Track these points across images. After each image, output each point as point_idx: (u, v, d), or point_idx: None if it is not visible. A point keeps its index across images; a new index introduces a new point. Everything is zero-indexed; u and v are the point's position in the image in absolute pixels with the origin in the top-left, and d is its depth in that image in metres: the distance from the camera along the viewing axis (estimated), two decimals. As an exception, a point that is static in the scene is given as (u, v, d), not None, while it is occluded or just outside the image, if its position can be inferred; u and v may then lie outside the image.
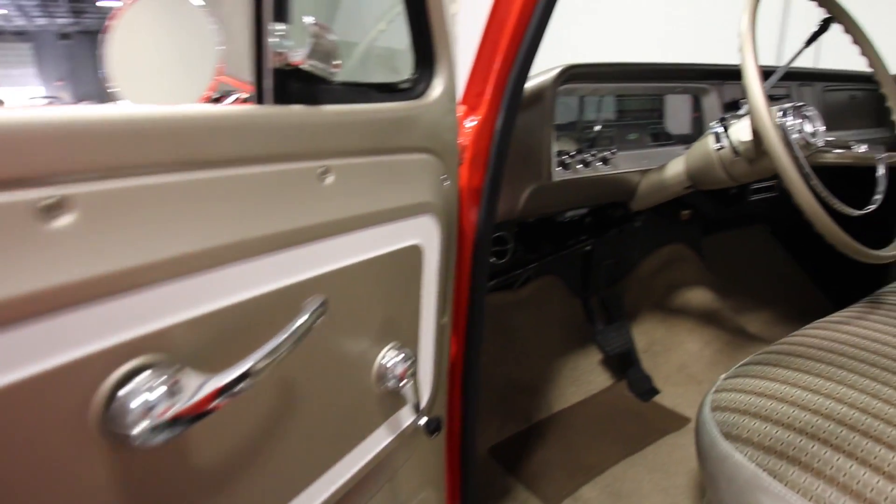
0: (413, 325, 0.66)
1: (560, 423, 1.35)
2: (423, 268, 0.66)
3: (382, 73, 1.01)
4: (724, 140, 0.95)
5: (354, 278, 0.55)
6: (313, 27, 0.45)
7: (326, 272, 0.51)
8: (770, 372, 0.78)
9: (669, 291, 1.67)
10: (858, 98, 1.60)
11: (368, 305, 0.59)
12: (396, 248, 0.60)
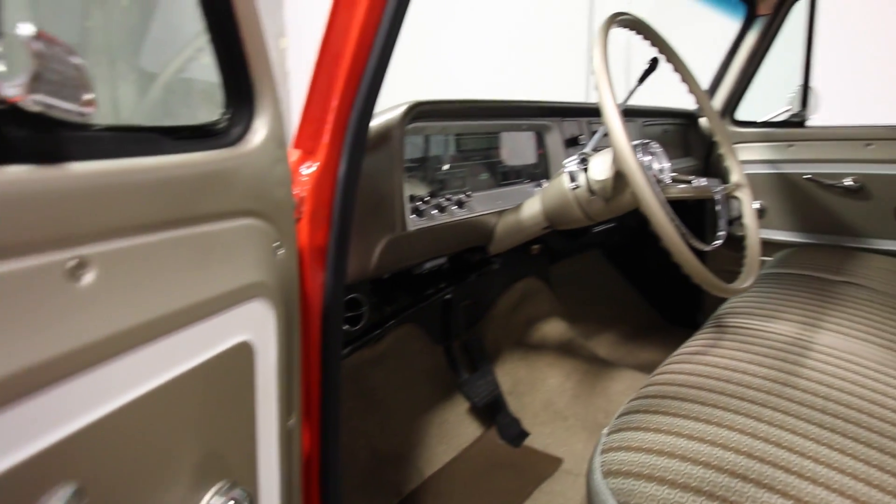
0: (246, 448, 0.49)
1: (433, 491, 1.23)
2: (257, 368, 0.50)
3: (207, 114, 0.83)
4: (579, 179, 0.93)
5: (150, 410, 0.37)
6: (34, 43, 0.28)
7: (95, 420, 0.33)
8: (651, 422, 0.74)
9: (528, 326, 1.66)
10: (670, 132, 1.76)
11: (178, 441, 0.41)
12: (215, 353, 0.44)
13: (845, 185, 1.63)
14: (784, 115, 1.84)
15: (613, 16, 0.84)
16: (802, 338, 0.95)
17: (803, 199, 1.73)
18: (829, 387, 0.79)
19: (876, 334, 0.99)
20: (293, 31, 3.34)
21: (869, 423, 0.72)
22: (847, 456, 0.65)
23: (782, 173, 1.75)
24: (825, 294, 1.17)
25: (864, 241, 1.66)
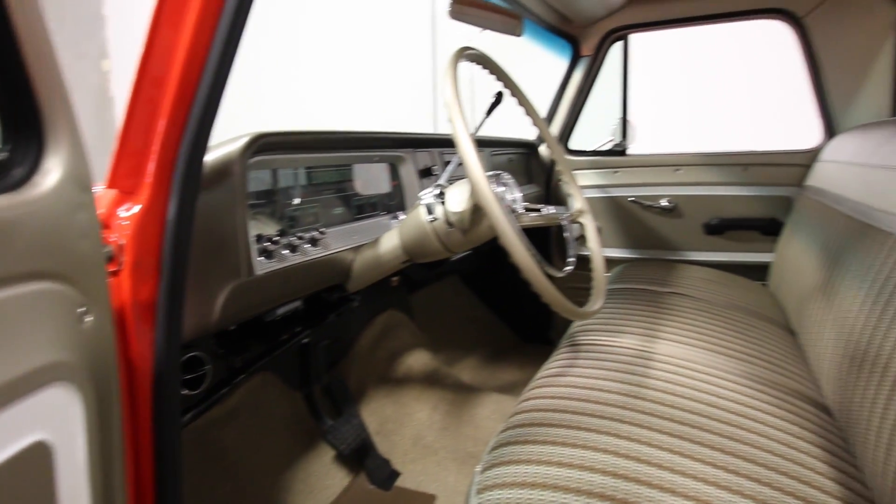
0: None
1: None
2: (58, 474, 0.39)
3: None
4: (436, 211, 0.92)
5: None
6: None
7: None
8: (522, 454, 0.73)
9: (391, 361, 1.61)
10: (514, 160, 1.86)
11: None
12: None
13: (662, 205, 1.85)
14: (609, 144, 2.05)
15: (461, 50, 0.85)
16: (645, 350, 1.03)
17: (631, 218, 1.92)
18: (671, 394, 0.85)
19: (702, 339, 1.10)
20: (117, 52, 2.99)
21: (706, 425, 0.78)
22: (693, 460, 0.70)
23: (611, 196, 1.94)
24: (658, 305, 1.29)
25: (682, 253, 1.89)
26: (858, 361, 0.80)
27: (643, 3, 1.77)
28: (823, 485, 0.70)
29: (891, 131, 1.09)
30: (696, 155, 1.82)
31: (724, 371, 0.97)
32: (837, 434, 0.85)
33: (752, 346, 1.11)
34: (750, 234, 1.78)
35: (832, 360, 0.93)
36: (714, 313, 1.26)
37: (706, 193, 1.81)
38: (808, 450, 0.77)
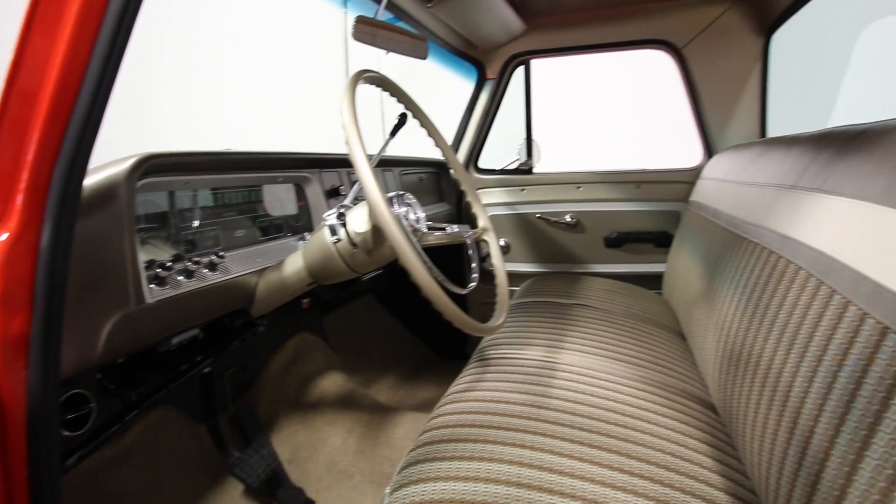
0: None
1: None
2: None
3: None
4: (339, 232, 0.91)
5: None
6: None
7: None
8: (430, 471, 0.74)
9: (304, 386, 1.56)
10: (425, 179, 1.89)
11: None
12: None
13: (566, 220, 1.95)
14: (516, 163, 2.14)
15: (359, 73, 0.86)
16: (549, 360, 1.07)
17: (537, 234, 2.01)
18: (573, 402, 0.90)
19: (602, 347, 1.17)
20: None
21: (604, 429, 0.83)
22: (592, 464, 0.74)
23: (519, 213, 2.02)
24: (562, 317, 1.35)
25: (585, 266, 1.99)
26: (735, 361, 0.88)
27: (542, 32, 1.88)
28: (709, 478, 0.76)
29: (757, 152, 1.22)
30: (594, 173, 1.94)
31: (621, 377, 1.03)
32: (721, 430, 0.93)
33: (647, 352, 1.19)
34: (645, 247, 1.92)
35: (714, 361, 1.02)
36: (613, 322, 1.34)
37: (605, 209, 1.93)
38: (695, 446, 0.84)
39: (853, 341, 0.56)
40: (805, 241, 0.77)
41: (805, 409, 0.61)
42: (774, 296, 0.79)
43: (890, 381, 0.48)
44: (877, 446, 0.48)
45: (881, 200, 0.61)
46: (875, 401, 0.49)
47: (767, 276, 0.85)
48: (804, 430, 0.60)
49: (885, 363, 0.50)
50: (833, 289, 0.63)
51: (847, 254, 0.63)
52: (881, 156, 0.65)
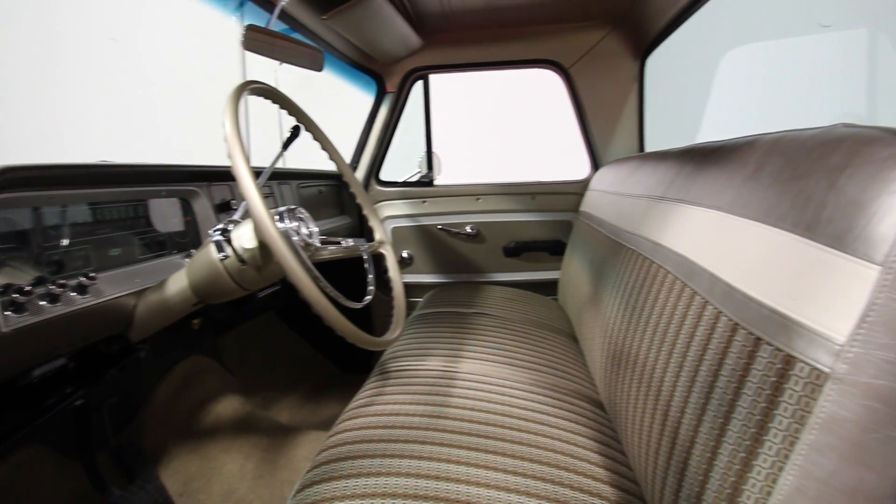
0: None
1: None
2: None
3: None
4: (226, 249, 0.87)
5: None
6: None
7: None
8: (326, 492, 0.72)
9: (196, 412, 1.47)
10: (324, 192, 1.85)
11: None
12: None
13: (467, 231, 2.00)
14: (417, 175, 2.16)
15: (244, 84, 0.83)
16: (449, 370, 1.09)
17: (440, 245, 2.04)
18: (470, 410, 0.92)
19: (500, 354, 1.21)
20: None
21: (500, 434, 0.86)
22: (488, 469, 0.76)
23: (421, 225, 2.04)
24: (463, 326, 1.38)
25: (486, 275, 2.05)
26: (618, 360, 0.95)
27: (438, 47, 1.92)
28: (596, 473, 0.80)
29: (634, 165, 1.32)
30: (493, 185, 2.01)
31: (517, 382, 1.07)
32: (608, 426, 0.99)
33: (542, 356, 1.24)
34: (541, 255, 2.01)
35: (601, 361, 1.08)
36: (511, 329, 1.39)
37: (503, 220, 2.00)
38: (583, 443, 0.88)
39: (710, 338, 0.62)
40: (671, 246, 0.84)
41: (674, 401, 0.66)
42: (648, 298, 0.86)
43: (740, 373, 0.54)
44: (732, 432, 0.53)
45: (731, 210, 0.68)
46: (729, 391, 0.55)
47: (642, 279, 0.92)
48: (674, 421, 0.65)
49: (736, 356, 0.56)
50: (694, 290, 0.70)
51: (704, 258, 0.70)
52: (732, 169, 0.73)
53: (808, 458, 0.45)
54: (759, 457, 0.49)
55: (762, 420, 0.49)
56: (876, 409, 0.42)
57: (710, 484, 0.54)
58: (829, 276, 0.46)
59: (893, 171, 0.44)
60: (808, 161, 0.56)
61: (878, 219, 0.43)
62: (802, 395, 0.46)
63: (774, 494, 0.46)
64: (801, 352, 0.47)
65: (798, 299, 0.49)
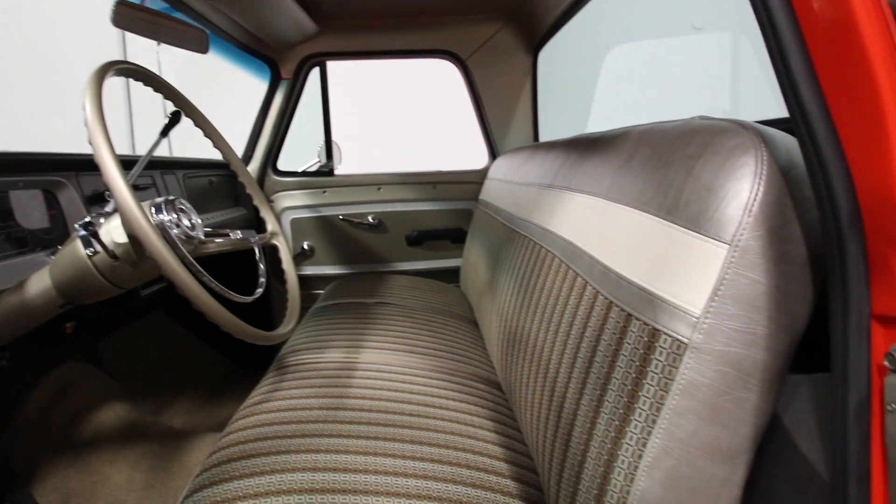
0: None
1: None
2: None
3: None
4: (95, 244, 0.79)
5: None
6: None
7: None
8: (217, 494, 0.69)
9: (73, 424, 1.35)
10: (215, 182, 1.76)
11: None
12: None
13: (369, 221, 1.99)
14: (316, 165, 2.11)
15: (109, 64, 0.76)
16: (349, 361, 1.08)
17: (342, 236, 2.01)
18: (370, 399, 0.92)
19: (401, 342, 1.22)
20: None
21: (400, 421, 0.87)
22: (387, 457, 0.77)
23: (322, 216, 1.99)
24: (364, 316, 1.38)
25: (389, 265, 2.05)
26: (513, 342, 0.99)
27: (335, 34, 1.88)
28: (492, 451, 0.84)
29: (527, 155, 1.37)
30: (394, 175, 2.00)
31: (417, 368, 1.09)
32: (505, 405, 1.03)
33: (443, 342, 1.27)
34: (443, 243, 2.04)
35: (498, 344, 1.12)
36: (413, 317, 1.41)
37: (405, 209, 2.01)
38: (481, 424, 0.92)
39: (590, 316, 0.66)
40: (558, 232, 0.89)
41: (560, 377, 0.70)
42: (538, 281, 0.90)
43: (614, 347, 0.59)
44: (608, 402, 0.58)
45: (607, 196, 0.73)
46: (605, 364, 0.60)
47: (533, 264, 0.97)
48: (560, 396, 0.69)
49: (611, 332, 0.60)
50: (577, 272, 0.74)
51: (585, 242, 0.75)
52: (609, 158, 0.79)
53: (671, 422, 0.49)
54: (631, 423, 0.53)
55: (633, 389, 0.54)
56: (727, 373, 0.48)
57: (591, 451, 0.59)
58: (686, 254, 0.51)
59: (740, 159, 0.49)
60: (670, 150, 0.61)
61: (727, 202, 0.48)
62: (666, 364, 0.51)
63: (644, 457, 0.51)
64: (664, 325, 0.51)
65: (661, 277, 0.54)
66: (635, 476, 0.51)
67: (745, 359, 0.47)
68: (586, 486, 0.57)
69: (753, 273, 0.47)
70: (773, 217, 0.46)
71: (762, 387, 0.48)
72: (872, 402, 0.39)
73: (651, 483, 0.50)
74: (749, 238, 0.46)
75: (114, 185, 0.66)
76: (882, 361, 0.38)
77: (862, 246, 0.40)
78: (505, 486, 0.76)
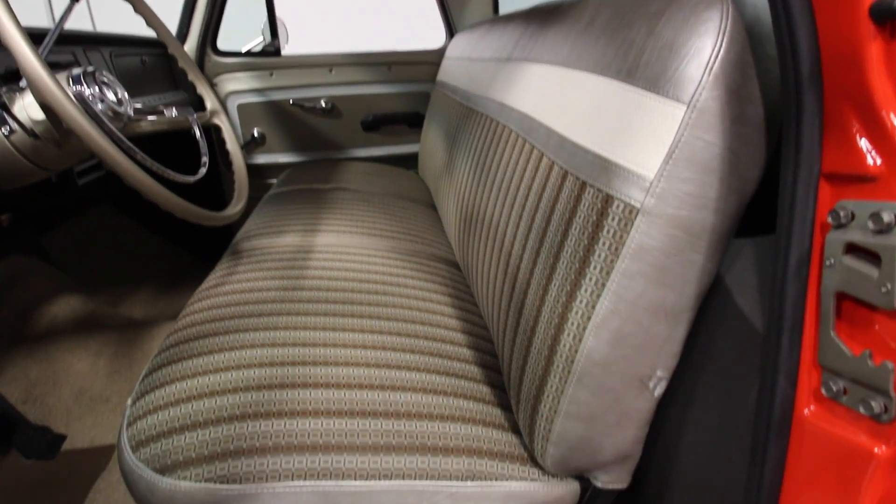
0: None
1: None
2: None
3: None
4: (10, 122, 0.72)
5: None
6: None
7: None
8: (175, 373, 0.70)
9: (25, 317, 1.32)
10: (148, 62, 1.61)
11: None
12: None
13: (321, 106, 1.88)
14: (261, 45, 1.95)
15: None
16: (305, 244, 1.07)
17: (294, 122, 1.91)
18: (328, 279, 0.92)
19: (359, 225, 1.21)
20: None
21: (358, 298, 0.88)
22: (346, 331, 0.78)
23: (271, 100, 1.88)
24: (321, 202, 1.35)
25: (345, 151, 1.98)
26: (470, 221, 0.99)
27: None
28: (450, 323, 0.87)
29: (485, 29, 1.29)
30: (346, 55, 1.87)
31: (376, 250, 1.09)
32: (462, 282, 1.05)
33: (401, 225, 1.26)
34: (400, 128, 1.97)
35: (455, 225, 1.13)
36: (370, 201, 1.39)
37: (359, 92, 1.91)
38: (438, 299, 0.94)
39: (545, 187, 0.66)
40: (515, 105, 0.86)
41: (514, 250, 0.71)
42: (495, 158, 0.89)
43: (568, 216, 0.59)
44: (560, 269, 0.59)
45: (567, 63, 0.70)
46: (558, 234, 0.60)
47: (490, 141, 0.95)
48: (514, 268, 0.70)
49: (565, 202, 0.60)
50: (533, 145, 0.73)
51: (542, 113, 0.73)
52: (569, 25, 0.74)
53: (620, 284, 0.51)
54: (582, 287, 0.54)
55: (584, 256, 0.55)
56: (677, 236, 0.48)
57: (542, 317, 0.61)
58: (644, 117, 0.50)
59: (703, 14, 0.46)
60: (632, 9, 0.58)
61: (688, 61, 0.46)
62: (617, 229, 0.51)
63: (593, 318, 0.53)
64: (617, 191, 0.51)
65: (617, 143, 0.53)
66: (583, 336, 0.53)
67: (694, 222, 0.48)
68: (537, 349, 0.60)
69: (709, 135, 0.46)
70: (733, 75, 0.45)
71: (709, 249, 0.50)
72: (812, 258, 0.41)
73: (598, 342, 0.53)
74: (707, 98, 0.45)
75: (16, 50, 0.58)
76: (826, 219, 0.39)
77: (819, 102, 0.39)
78: (461, 354, 0.79)
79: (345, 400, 0.65)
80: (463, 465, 0.60)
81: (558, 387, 0.56)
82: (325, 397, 0.65)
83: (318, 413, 0.63)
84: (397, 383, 0.69)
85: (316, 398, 0.65)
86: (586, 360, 0.53)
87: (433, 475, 0.59)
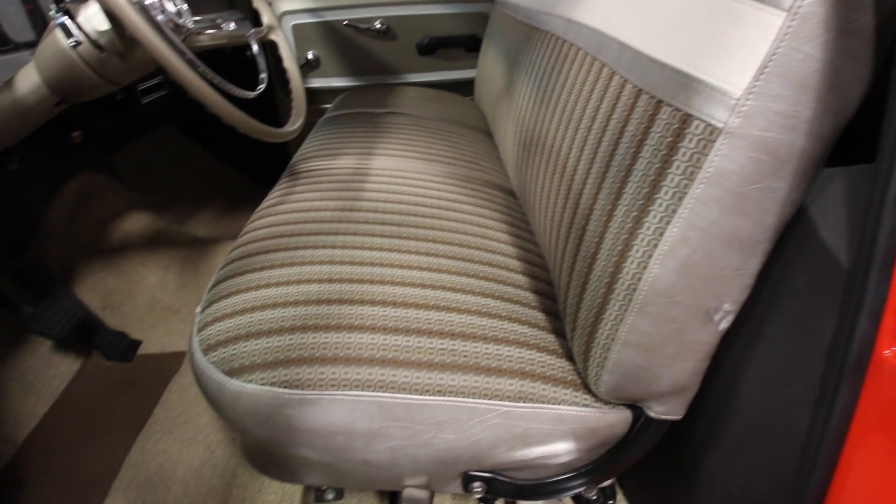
0: None
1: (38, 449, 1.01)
2: None
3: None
4: (77, 33, 0.72)
5: None
6: None
7: None
8: (241, 284, 0.73)
9: (100, 230, 1.40)
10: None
11: None
12: None
13: (376, 27, 1.83)
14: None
15: None
16: (362, 167, 1.07)
17: (348, 45, 1.87)
18: (384, 202, 0.92)
19: (415, 150, 1.19)
20: None
21: (413, 221, 0.88)
22: (401, 252, 0.79)
23: (325, 21, 1.83)
24: (376, 125, 1.33)
25: (399, 76, 1.93)
26: (529, 147, 0.96)
27: None
28: (504, 249, 0.86)
29: None
30: None
31: (431, 174, 1.08)
32: (518, 210, 1.04)
33: (456, 151, 1.24)
34: (457, 52, 1.89)
35: (513, 151, 1.09)
36: (425, 126, 1.36)
37: (415, 13, 1.83)
38: (494, 225, 0.93)
39: (615, 108, 0.62)
40: (584, 21, 0.80)
41: (577, 175, 0.68)
42: (559, 80, 0.84)
43: (640, 138, 0.55)
44: (627, 194, 0.56)
45: None
46: (627, 157, 0.57)
47: (554, 61, 0.89)
48: (576, 194, 0.68)
49: (637, 122, 0.56)
50: (603, 63, 0.68)
51: (614, 28, 0.67)
52: None
53: (692, 211, 0.48)
54: (650, 213, 0.52)
55: (655, 179, 0.51)
56: (761, 160, 0.45)
57: (605, 244, 0.59)
58: (733, 26, 0.45)
59: None
60: None
61: None
62: (695, 151, 0.47)
63: (660, 246, 0.50)
64: (698, 109, 0.47)
65: (701, 56, 0.48)
66: (648, 264, 0.51)
67: (782, 145, 0.44)
68: (597, 276, 0.59)
69: (809, 47, 0.41)
70: None
71: (795, 176, 0.46)
72: None
73: (664, 270, 0.50)
74: (811, 3, 0.40)
75: None
76: None
77: None
78: (516, 280, 0.78)
79: (401, 317, 0.66)
80: (515, 387, 0.61)
81: (618, 315, 0.55)
82: (382, 314, 0.66)
83: (375, 329, 0.64)
84: (452, 304, 0.70)
85: (373, 314, 0.66)
86: (650, 289, 0.52)
87: (486, 394, 0.60)
